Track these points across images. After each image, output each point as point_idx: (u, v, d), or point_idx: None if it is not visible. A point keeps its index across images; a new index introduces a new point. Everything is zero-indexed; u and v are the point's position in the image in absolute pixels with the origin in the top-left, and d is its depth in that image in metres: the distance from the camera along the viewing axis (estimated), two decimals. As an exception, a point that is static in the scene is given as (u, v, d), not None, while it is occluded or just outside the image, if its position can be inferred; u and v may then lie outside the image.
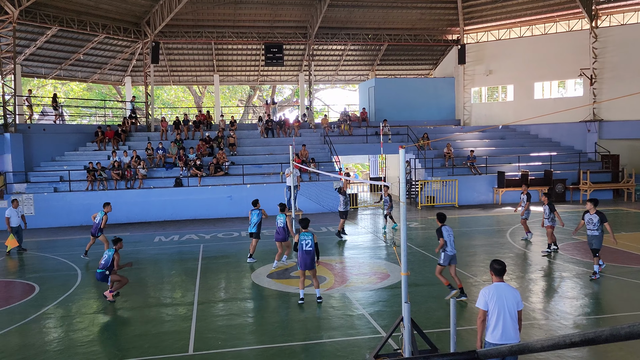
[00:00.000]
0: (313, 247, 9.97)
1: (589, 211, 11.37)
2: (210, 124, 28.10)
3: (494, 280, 5.95)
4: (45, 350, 8.21)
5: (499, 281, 5.89)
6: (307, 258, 9.93)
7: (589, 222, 11.35)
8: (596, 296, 10.30)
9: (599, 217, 11.16)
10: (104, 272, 10.63)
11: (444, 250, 10.28)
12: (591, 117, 27.45)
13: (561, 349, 4.53)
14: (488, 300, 5.77)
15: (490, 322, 5.77)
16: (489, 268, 6.07)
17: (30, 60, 27.45)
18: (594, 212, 11.26)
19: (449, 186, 24.29)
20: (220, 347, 8.16)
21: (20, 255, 15.71)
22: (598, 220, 11.16)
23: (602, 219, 11.15)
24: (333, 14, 28.97)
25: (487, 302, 5.77)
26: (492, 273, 5.98)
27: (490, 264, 6.04)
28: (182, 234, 18.54)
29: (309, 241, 9.97)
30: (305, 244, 9.96)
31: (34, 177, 22.38)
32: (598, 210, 11.27)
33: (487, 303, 5.77)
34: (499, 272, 5.93)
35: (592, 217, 11.27)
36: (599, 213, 11.22)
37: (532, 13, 29.00)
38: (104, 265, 10.66)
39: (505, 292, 5.78)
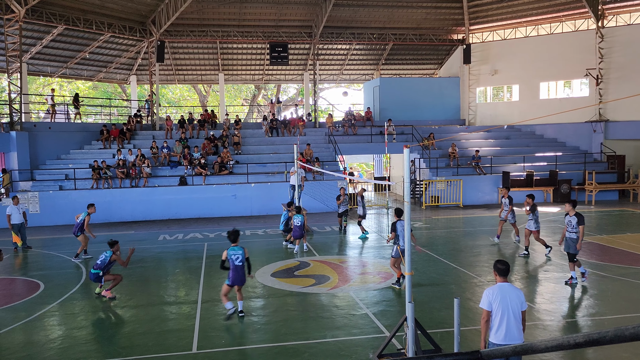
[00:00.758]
0: (244, 261, 9.31)
1: (568, 213, 11.09)
2: (215, 123, 28.15)
3: (498, 280, 5.92)
4: (49, 348, 8.24)
5: (503, 281, 5.87)
6: (238, 274, 9.25)
7: (568, 224, 11.09)
8: (600, 297, 10.24)
9: (577, 219, 10.86)
10: (98, 273, 10.52)
11: (396, 244, 10.70)
12: (597, 117, 27.32)
13: (565, 350, 4.51)
14: (492, 300, 5.74)
15: (494, 323, 5.75)
16: (492, 268, 6.05)
17: (37, 59, 27.58)
18: (573, 213, 10.98)
19: (454, 186, 24.24)
20: (224, 346, 8.17)
21: (25, 252, 15.79)
22: (576, 222, 10.88)
23: (580, 221, 10.85)
24: (338, 13, 28.95)
25: (490, 302, 5.75)
26: (496, 273, 5.95)
27: (494, 264, 6.01)
28: (186, 233, 18.57)
29: (239, 256, 9.28)
30: (236, 258, 9.26)
31: (39, 175, 22.48)
32: (577, 212, 10.99)
33: (490, 303, 5.75)
34: (503, 272, 5.90)
35: (571, 219, 10.99)
36: (577, 215, 10.93)
37: (538, 13, 28.89)
38: (99, 265, 10.56)
39: (509, 293, 5.76)
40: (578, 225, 10.85)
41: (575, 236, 10.90)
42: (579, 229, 10.83)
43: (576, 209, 11.24)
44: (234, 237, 9.46)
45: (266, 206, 22.64)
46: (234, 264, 9.25)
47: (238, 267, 9.26)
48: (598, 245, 14.85)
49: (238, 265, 9.26)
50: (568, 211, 11.12)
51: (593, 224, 18.58)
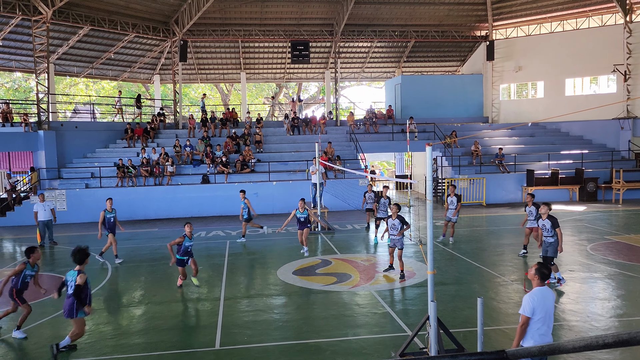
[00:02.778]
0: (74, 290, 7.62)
1: (542, 216, 10.59)
2: (236, 122, 28.34)
3: (538, 284, 5.72)
4: (76, 342, 8.41)
5: (542, 285, 5.72)
6: (67, 303, 7.75)
7: (542, 228, 10.63)
8: (629, 297, 10.02)
9: (551, 223, 10.38)
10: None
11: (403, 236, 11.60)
12: (624, 114, 26.71)
13: (593, 350, 4.43)
14: (536, 307, 5.54)
15: (535, 327, 5.55)
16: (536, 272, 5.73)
17: (63, 59, 28.15)
18: (546, 216, 10.49)
19: (477, 184, 23.96)
20: (246, 343, 8.24)
21: (52, 249, 16.13)
22: (550, 225, 10.40)
23: (554, 224, 10.36)
24: (359, 10, 28.85)
25: (534, 308, 5.54)
26: (539, 277, 5.72)
27: (538, 268, 5.75)
28: (208, 230, 18.76)
29: (72, 283, 7.69)
30: (70, 286, 7.72)
31: (66, 173, 22.95)
32: (550, 215, 10.49)
33: (534, 310, 5.54)
34: (545, 277, 5.75)
35: (545, 222, 10.51)
36: (550, 217, 10.44)
37: (564, 8, 28.34)
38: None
39: (548, 296, 5.66)
40: (553, 228, 10.37)
41: (552, 239, 10.45)
42: (556, 232, 10.37)
43: (607, 208, 10.94)
44: (78, 257, 7.81)
45: (288, 204, 22.65)
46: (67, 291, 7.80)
47: (67, 295, 7.76)
48: (626, 245, 14.53)
49: (68, 294, 7.75)
50: (542, 214, 10.62)
51: (621, 223, 18.20)
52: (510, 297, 10.26)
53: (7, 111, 23.40)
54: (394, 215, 11.61)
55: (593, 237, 15.65)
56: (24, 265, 8.72)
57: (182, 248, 11.19)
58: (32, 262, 8.81)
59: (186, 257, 11.29)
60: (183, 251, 11.20)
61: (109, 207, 14.09)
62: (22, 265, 8.71)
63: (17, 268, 8.70)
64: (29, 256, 8.78)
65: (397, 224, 11.54)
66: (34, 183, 22.29)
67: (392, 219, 11.63)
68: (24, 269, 8.71)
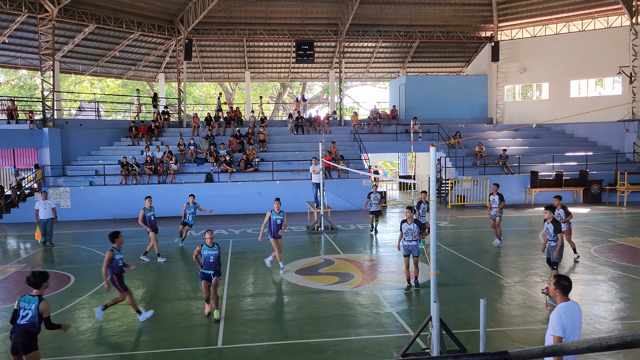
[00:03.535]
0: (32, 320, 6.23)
1: (546, 220, 10.34)
2: (240, 121, 28.38)
3: (561, 299, 5.12)
4: (79, 339, 8.44)
5: (567, 299, 5.13)
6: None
7: (546, 232, 10.40)
8: (632, 300, 9.98)
9: (554, 227, 10.14)
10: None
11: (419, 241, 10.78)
12: (630, 116, 26.61)
13: (596, 352, 4.42)
14: (565, 325, 4.98)
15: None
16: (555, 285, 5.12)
17: (68, 57, 28.23)
18: (550, 220, 10.23)
19: (480, 185, 23.92)
20: (248, 342, 8.25)
21: (51, 248, 15.95)
22: (553, 230, 10.16)
23: (557, 229, 10.14)
24: (364, 10, 28.84)
25: (564, 327, 4.99)
26: (560, 291, 5.11)
27: (556, 282, 5.13)
28: (212, 229, 18.73)
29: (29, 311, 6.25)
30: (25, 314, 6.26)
31: (70, 170, 23.02)
32: (554, 219, 10.29)
33: (564, 328, 4.99)
34: (567, 289, 5.14)
35: (548, 226, 10.26)
36: (554, 222, 10.20)
37: (569, 9, 28.25)
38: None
39: (575, 311, 5.09)
40: (555, 233, 10.17)
41: (555, 244, 10.24)
42: (558, 237, 10.17)
43: (611, 211, 10.89)
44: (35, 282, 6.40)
45: (291, 204, 22.68)
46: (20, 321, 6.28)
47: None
48: (630, 248, 14.48)
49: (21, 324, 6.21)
50: (546, 217, 10.32)
51: (625, 226, 18.14)
52: (513, 298, 10.23)
53: (12, 108, 23.49)
54: (409, 220, 10.55)
55: (597, 239, 15.60)
56: (111, 252, 8.92)
57: (202, 259, 9.44)
58: (117, 247, 9.02)
59: (210, 272, 9.33)
60: (205, 263, 9.38)
61: (148, 206, 13.93)
62: (110, 253, 8.91)
63: (108, 256, 8.87)
64: (113, 241, 9.02)
65: (415, 228, 10.48)
66: (38, 180, 22.37)
67: (408, 224, 10.57)
68: (113, 255, 8.92)
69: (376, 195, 17.11)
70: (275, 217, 12.49)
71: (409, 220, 10.59)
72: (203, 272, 9.36)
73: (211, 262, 9.32)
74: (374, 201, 17.01)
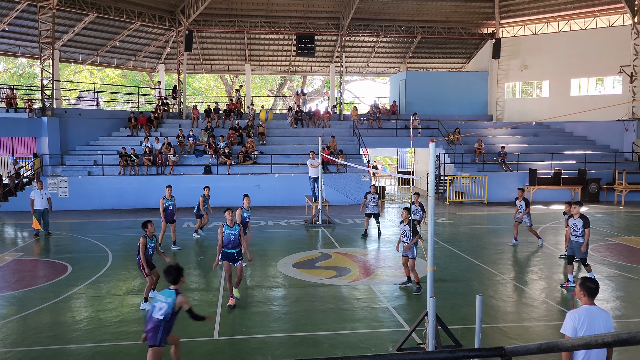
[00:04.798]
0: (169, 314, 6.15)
1: (573, 215, 10.57)
2: (240, 113, 28.32)
3: (585, 302, 4.87)
4: (75, 329, 8.45)
5: (591, 303, 4.85)
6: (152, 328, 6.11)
7: (573, 227, 10.60)
8: (628, 299, 10.02)
9: (583, 222, 10.35)
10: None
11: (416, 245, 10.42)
12: (629, 115, 26.61)
13: (592, 349, 4.42)
14: (578, 327, 4.73)
15: (579, 354, 4.74)
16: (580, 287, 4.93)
17: (68, 46, 28.12)
18: (578, 216, 10.44)
19: (479, 182, 23.94)
20: (244, 334, 8.26)
21: (48, 237, 15.91)
22: (582, 225, 10.37)
23: (586, 224, 10.35)
24: (366, 5, 28.74)
25: (576, 328, 4.74)
26: (585, 293, 4.88)
27: (582, 282, 4.91)
28: (210, 221, 18.75)
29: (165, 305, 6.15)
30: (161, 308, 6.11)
31: (69, 160, 22.98)
32: (582, 214, 10.48)
33: (576, 330, 4.74)
34: (593, 292, 4.87)
35: (577, 221, 10.47)
36: (582, 217, 10.41)
37: (572, 7, 28.20)
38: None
39: (597, 318, 4.76)
40: (584, 228, 10.39)
41: (581, 239, 10.47)
42: (585, 232, 10.39)
43: (609, 210, 10.97)
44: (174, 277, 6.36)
45: (289, 197, 22.75)
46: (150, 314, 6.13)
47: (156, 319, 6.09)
48: (626, 247, 14.52)
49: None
50: (574, 213, 10.58)
51: (622, 225, 18.18)
52: (509, 295, 10.27)
53: (11, 97, 23.41)
54: (405, 221, 10.32)
55: (594, 238, 15.62)
56: (144, 238, 9.22)
57: (224, 239, 9.44)
58: (149, 234, 9.31)
59: (233, 251, 9.51)
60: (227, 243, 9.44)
61: (168, 195, 14.09)
62: (143, 239, 9.21)
63: (142, 243, 9.17)
64: (145, 229, 9.34)
65: (408, 230, 10.30)
66: (36, 169, 22.33)
67: (403, 225, 10.38)
68: (146, 242, 9.23)
69: (373, 196, 15.69)
70: (245, 214, 12.13)
71: (405, 221, 10.37)
72: (226, 252, 9.52)
73: (232, 240, 9.48)
74: (371, 202, 15.64)
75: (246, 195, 12.67)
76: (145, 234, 9.33)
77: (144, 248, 9.21)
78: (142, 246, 9.20)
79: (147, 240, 9.26)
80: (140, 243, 9.21)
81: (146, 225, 9.41)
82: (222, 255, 9.51)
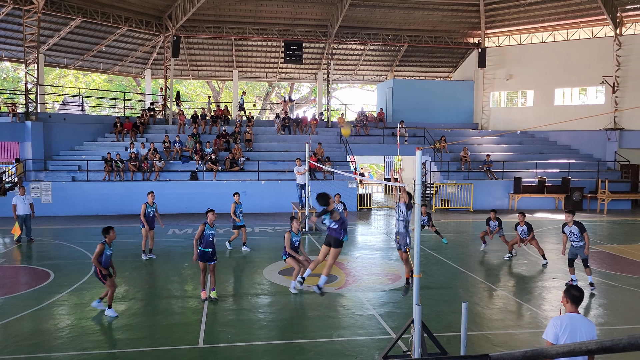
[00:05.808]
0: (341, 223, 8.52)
1: (567, 223, 11.16)
2: (227, 119, 28.26)
3: (569, 309, 4.90)
4: (57, 337, 8.32)
5: (574, 311, 4.88)
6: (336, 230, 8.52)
7: (570, 235, 11.16)
8: (610, 307, 10.14)
9: (579, 228, 10.97)
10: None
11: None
12: (612, 125, 27.05)
13: (577, 357, 4.45)
14: (559, 333, 4.73)
15: None
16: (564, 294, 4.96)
17: (53, 51, 27.86)
18: (572, 224, 11.06)
19: (464, 190, 24.11)
20: (229, 341, 8.20)
21: (29, 244, 15.61)
22: (578, 231, 10.97)
23: (581, 229, 10.96)
24: (354, 13, 28.92)
25: (557, 335, 4.74)
26: (568, 300, 4.90)
27: (566, 290, 4.95)
28: (195, 227, 18.64)
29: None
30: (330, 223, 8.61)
31: (52, 165, 22.70)
32: (576, 221, 11.09)
33: (557, 336, 4.74)
34: (577, 300, 4.88)
35: (572, 229, 11.08)
36: (577, 224, 11.02)
37: (556, 18, 28.65)
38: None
39: (580, 326, 4.76)
40: (581, 233, 10.94)
41: (582, 243, 10.99)
42: (584, 236, 10.93)
43: (592, 218, 11.21)
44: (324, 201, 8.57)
45: (276, 204, 22.70)
46: (328, 226, 8.59)
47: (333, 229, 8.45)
48: (609, 255, 14.70)
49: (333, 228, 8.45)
50: (567, 222, 11.15)
51: (605, 233, 18.41)
52: (494, 302, 10.33)
53: (-6, 100, 23.10)
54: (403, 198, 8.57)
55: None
56: (102, 245, 9.04)
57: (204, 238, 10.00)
58: (108, 242, 9.16)
59: (209, 250, 10.03)
60: (205, 242, 10.01)
61: (151, 201, 13.85)
62: (101, 246, 9.02)
63: (98, 249, 8.98)
64: (104, 236, 9.17)
65: (403, 207, 8.59)
66: (19, 174, 22.02)
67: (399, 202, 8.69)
68: (104, 248, 9.05)
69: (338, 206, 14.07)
70: (209, 232, 10.21)
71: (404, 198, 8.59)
72: (202, 251, 9.95)
73: (210, 240, 10.01)
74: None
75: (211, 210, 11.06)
76: (104, 240, 9.14)
77: (99, 255, 9.00)
78: (98, 253, 8.99)
79: (105, 246, 9.06)
80: (97, 247, 9.01)
81: (107, 231, 9.24)
82: (199, 255, 9.99)
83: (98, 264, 9.05)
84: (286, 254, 10.75)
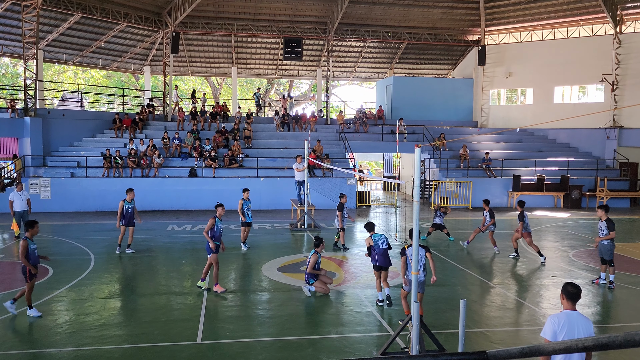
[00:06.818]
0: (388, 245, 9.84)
1: (601, 218, 11.21)
2: (226, 116, 28.24)
3: (566, 306, 4.89)
4: (56, 332, 8.33)
5: (572, 308, 4.86)
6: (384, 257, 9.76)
7: (599, 229, 11.21)
8: (608, 305, 10.17)
9: (607, 225, 10.99)
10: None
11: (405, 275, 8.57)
12: (611, 123, 27.06)
13: (573, 353, 4.47)
14: (557, 330, 4.72)
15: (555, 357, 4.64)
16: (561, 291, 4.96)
17: (52, 46, 27.78)
18: (605, 219, 11.07)
19: (463, 187, 24.13)
20: (228, 338, 8.21)
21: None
22: (606, 227, 11.00)
23: (610, 227, 10.95)
24: (353, 10, 28.88)
25: (555, 332, 4.72)
26: (564, 297, 4.90)
27: (563, 286, 4.95)
28: (194, 224, 18.66)
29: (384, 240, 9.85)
30: (382, 243, 9.77)
31: (51, 161, 22.68)
32: (608, 218, 11.07)
33: (556, 334, 4.72)
34: (573, 296, 4.86)
35: (602, 224, 11.12)
36: (608, 221, 11.02)
37: (556, 16, 28.62)
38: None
39: (577, 323, 4.74)
40: (608, 230, 10.97)
41: (606, 242, 11.04)
42: (611, 234, 10.96)
43: (591, 216, 11.24)
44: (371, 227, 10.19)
45: (275, 200, 22.70)
46: (379, 248, 9.68)
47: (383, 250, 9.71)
48: (607, 253, 14.70)
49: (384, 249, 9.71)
50: (600, 216, 11.21)
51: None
52: (492, 300, 10.35)
53: (-7, 96, 23.06)
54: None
55: (576, 243, 15.84)
56: (25, 241, 8.85)
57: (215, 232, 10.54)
58: (30, 236, 8.97)
59: (218, 244, 10.67)
60: (216, 236, 10.58)
61: (129, 198, 13.89)
62: (24, 242, 8.82)
63: (22, 245, 8.77)
64: (27, 230, 8.98)
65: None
66: (18, 170, 21.99)
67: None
68: (28, 244, 8.86)
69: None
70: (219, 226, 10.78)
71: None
72: (216, 244, 10.53)
73: (219, 235, 10.58)
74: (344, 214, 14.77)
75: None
76: (26, 236, 8.88)
77: (25, 251, 8.74)
78: (23, 249, 8.72)
79: (28, 242, 8.83)
80: (20, 245, 8.76)
81: (32, 225, 9.01)
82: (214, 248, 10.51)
83: (26, 261, 8.77)
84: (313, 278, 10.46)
